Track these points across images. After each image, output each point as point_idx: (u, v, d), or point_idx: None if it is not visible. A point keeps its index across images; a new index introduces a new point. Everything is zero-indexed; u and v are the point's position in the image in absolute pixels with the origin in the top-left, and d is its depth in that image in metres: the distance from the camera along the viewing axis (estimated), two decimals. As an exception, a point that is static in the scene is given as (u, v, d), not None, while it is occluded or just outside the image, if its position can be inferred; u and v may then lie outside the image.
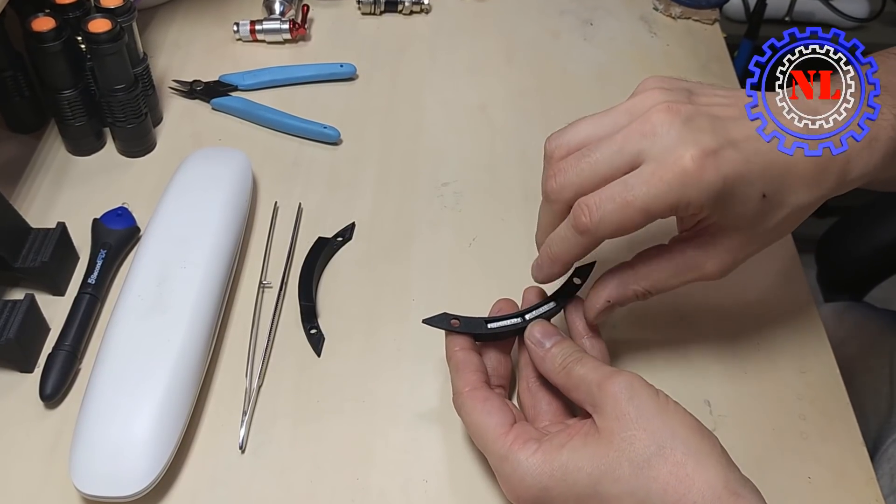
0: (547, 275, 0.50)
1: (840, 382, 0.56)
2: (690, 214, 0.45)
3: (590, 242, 0.46)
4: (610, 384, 0.43)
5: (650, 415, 0.41)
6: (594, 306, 0.49)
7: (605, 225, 0.44)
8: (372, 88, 0.78)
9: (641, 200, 0.43)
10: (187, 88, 0.75)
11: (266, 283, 0.60)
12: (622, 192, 0.43)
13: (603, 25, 0.86)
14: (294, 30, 0.81)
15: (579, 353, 0.47)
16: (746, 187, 0.44)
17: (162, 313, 0.52)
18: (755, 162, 0.44)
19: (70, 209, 0.65)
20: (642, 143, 0.44)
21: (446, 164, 0.70)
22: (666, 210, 0.43)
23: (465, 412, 0.47)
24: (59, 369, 0.53)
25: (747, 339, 0.58)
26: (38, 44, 0.62)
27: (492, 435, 0.45)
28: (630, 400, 0.42)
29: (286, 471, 0.50)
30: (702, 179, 0.42)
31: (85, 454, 0.47)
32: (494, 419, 0.45)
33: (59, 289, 0.59)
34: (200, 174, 0.63)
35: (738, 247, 0.47)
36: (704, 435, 0.42)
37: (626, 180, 0.44)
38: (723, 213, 0.45)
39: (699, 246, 0.47)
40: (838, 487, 0.50)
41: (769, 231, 0.47)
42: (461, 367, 0.49)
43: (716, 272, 0.48)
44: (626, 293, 0.49)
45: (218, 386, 0.54)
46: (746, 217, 0.45)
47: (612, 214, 0.44)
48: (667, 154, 0.43)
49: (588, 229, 0.45)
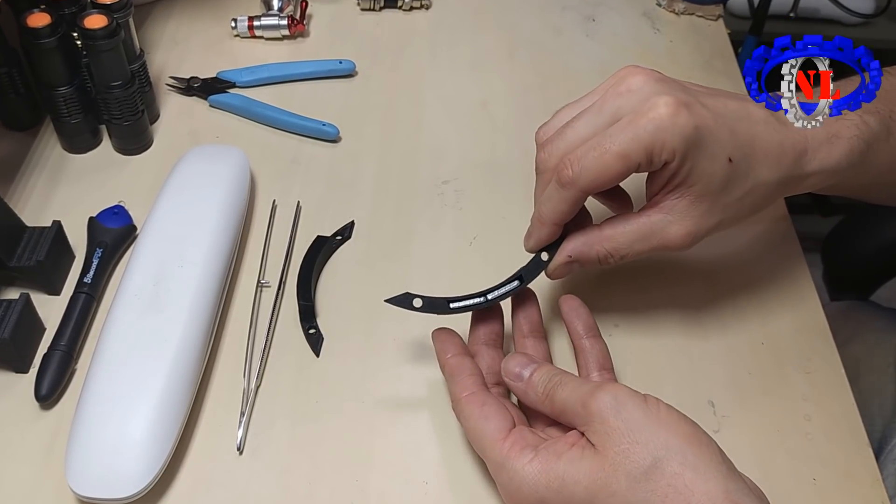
0: (536, 238, 0.52)
1: (845, 383, 0.56)
2: (662, 168, 0.47)
3: (574, 196, 0.49)
4: (594, 401, 0.42)
5: (640, 426, 0.41)
6: (557, 261, 0.52)
7: (585, 174, 0.47)
8: (371, 85, 0.78)
9: (618, 145, 0.46)
10: (184, 85, 0.75)
11: (264, 282, 0.60)
12: (600, 141, 0.47)
13: (605, 21, 0.86)
14: (292, 26, 0.81)
15: (559, 375, 0.46)
16: (714, 145, 0.47)
17: (159, 313, 0.52)
18: (723, 124, 0.48)
19: (66, 207, 0.65)
20: (619, 101, 0.48)
21: (447, 162, 0.70)
22: (641, 153, 0.46)
23: (464, 418, 0.47)
24: (55, 370, 0.53)
25: (751, 339, 0.58)
26: (34, 40, 0.62)
27: (489, 441, 0.45)
28: (617, 414, 0.41)
29: (284, 472, 0.50)
30: (675, 123, 0.46)
31: (81, 456, 0.47)
32: (492, 425, 0.45)
33: (55, 288, 0.59)
34: (198, 172, 0.63)
35: (702, 214, 0.49)
36: (702, 442, 0.41)
37: (605, 132, 0.47)
38: (692, 166, 0.47)
39: (664, 210, 0.50)
40: (843, 489, 0.50)
41: (734, 203, 0.50)
42: (456, 372, 0.48)
43: (679, 238, 0.50)
44: (589, 252, 0.51)
45: (215, 386, 0.54)
46: (713, 178, 0.48)
47: (592, 162, 0.47)
48: (642, 104, 0.47)
49: (570, 180, 0.48)
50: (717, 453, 0.41)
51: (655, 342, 0.58)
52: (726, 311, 0.60)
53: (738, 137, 0.48)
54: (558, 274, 0.53)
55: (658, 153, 0.46)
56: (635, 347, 0.57)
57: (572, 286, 0.60)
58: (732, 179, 0.49)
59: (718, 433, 0.52)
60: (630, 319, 0.59)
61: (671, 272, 0.62)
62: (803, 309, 0.60)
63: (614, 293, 0.60)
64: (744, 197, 0.50)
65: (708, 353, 0.57)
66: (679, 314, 0.59)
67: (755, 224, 0.65)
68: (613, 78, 0.50)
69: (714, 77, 0.79)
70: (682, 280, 0.61)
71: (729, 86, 0.78)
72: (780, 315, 0.59)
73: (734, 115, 0.49)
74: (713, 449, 0.41)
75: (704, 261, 0.63)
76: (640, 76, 0.49)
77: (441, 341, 0.50)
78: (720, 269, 0.62)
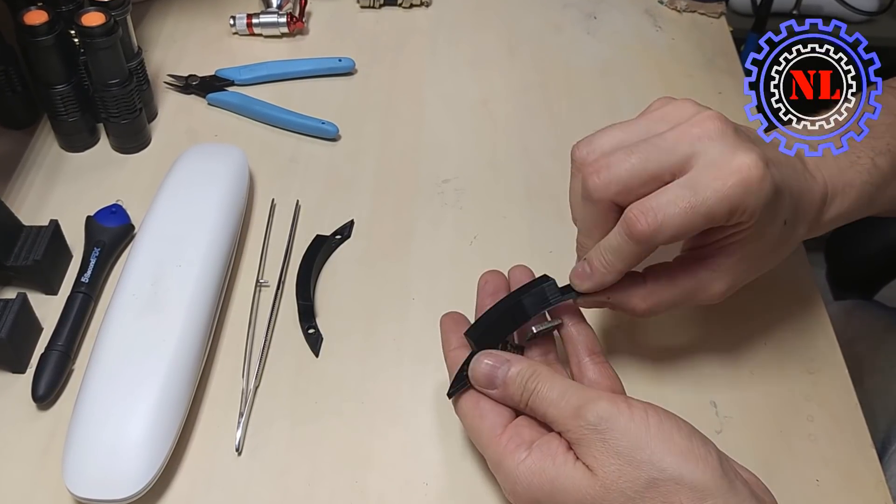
0: (598, 283, 0.47)
1: (849, 383, 0.55)
2: (727, 225, 0.44)
3: (645, 251, 0.44)
4: (577, 424, 0.41)
5: (630, 451, 0.39)
6: (595, 299, 0.49)
7: (665, 230, 0.43)
8: (371, 83, 0.78)
9: (707, 205, 0.42)
10: (183, 83, 0.75)
11: (263, 281, 0.60)
12: (686, 196, 0.42)
13: (607, 19, 0.86)
14: (292, 23, 0.81)
15: (535, 379, 0.44)
16: (781, 207, 0.45)
17: (157, 312, 0.52)
18: (785, 184, 0.45)
19: (63, 206, 0.65)
20: (696, 146, 0.43)
21: (447, 161, 0.70)
22: (726, 213, 0.43)
23: (461, 415, 0.47)
24: (52, 370, 0.53)
25: (754, 340, 0.58)
26: (31, 38, 0.62)
27: (485, 439, 0.45)
28: (604, 442, 0.40)
29: (283, 473, 0.50)
30: (762, 186, 0.42)
31: (78, 456, 0.47)
32: (487, 422, 0.45)
33: (52, 287, 0.59)
34: (196, 171, 0.63)
35: (746, 270, 0.48)
36: (698, 457, 0.39)
37: (688, 184, 0.42)
38: (759, 227, 0.45)
39: (711, 267, 0.47)
40: (847, 490, 0.50)
41: (774, 259, 0.49)
42: (455, 366, 0.48)
43: (718, 295, 0.48)
44: (628, 304, 0.48)
45: (214, 387, 0.54)
46: (770, 239, 0.46)
47: (673, 219, 0.42)
48: (728, 158, 0.42)
49: (646, 236, 0.43)
50: (716, 467, 0.39)
51: (657, 342, 0.57)
52: (728, 310, 0.59)
53: (793, 197, 0.46)
54: (587, 305, 0.50)
55: (740, 213, 0.43)
56: (636, 347, 0.57)
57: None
58: (783, 240, 0.47)
59: (721, 434, 0.52)
60: (631, 319, 0.59)
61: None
62: (806, 308, 0.60)
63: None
64: (784, 252, 0.49)
65: (710, 353, 0.57)
66: (681, 314, 0.59)
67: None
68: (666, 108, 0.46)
69: (716, 76, 0.79)
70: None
71: (731, 84, 0.78)
72: (783, 315, 0.59)
73: (788, 171, 0.46)
74: (711, 462, 0.39)
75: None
76: (718, 121, 0.44)
77: (446, 330, 0.50)
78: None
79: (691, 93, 0.77)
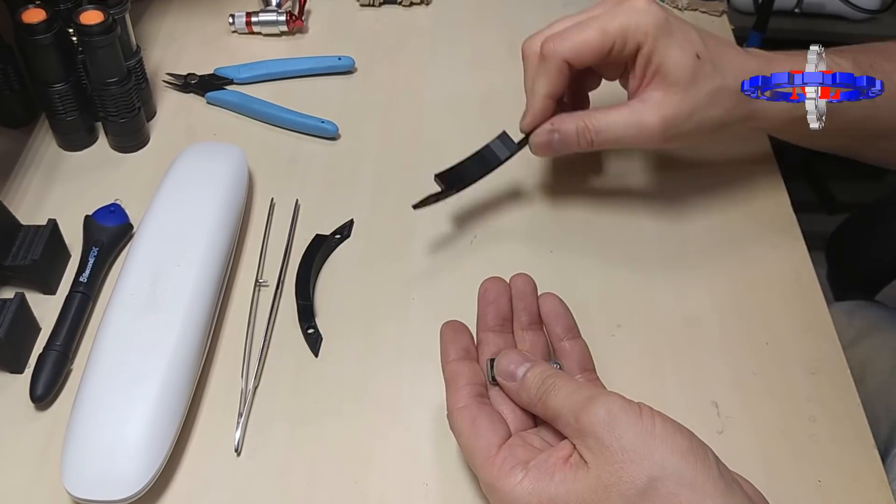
0: (531, 114, 0.59)
1: (851, 383, 0.55)
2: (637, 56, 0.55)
3: (557, 66, 0.56)
4: (586, 415, 0.41)
5: (635, 444, 0.40)
6: (542, 128, 0.59)
7: (566, 43, 0.55)
8: (371, 82, 0.78)
9: (598, 21, 0.55)
10: (181, 82, 0.75)
11: (262, 281, 0.60)
12: (580, 19, 0.56)
13: (608, 17, 0.86)
14: (291, 22, 0.81)
15: (553, 378, 0.45)
16: (683, 38, 0.55)
17: (155, 312, 0.52)
18: (693, 27, 0.56)
19: (61, 206, 0.65)
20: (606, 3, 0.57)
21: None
22: (618, 29, 0.55)
23: (456, 432, 0.46)
24: (50, 370, 0.53)
25: (755, 339, 0.58)
26: (29, 36, 0.62)
27: (480, 459, 0.44)
28: (611, 431, 0.40)
29: (283, 474, 0.50)
30: (649, 11, 0.55)
31: (77, 457, 0.47)
32: (482, 441, 0.44)
33: (50, 287, 0.59)
34: (195, 170, 0.62)
35: (676, 104, 0.55)
36: (698, 457, 0.40)
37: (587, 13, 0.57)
38: (664, 54, 0.54)
39: (641, 100, 0.57)
40: (849, 491, 0.50)
41: (704, 99, 0.56)
42: (452, 380, 0.48)
43: (654, 124, 0.56)
44: (568, 125, 0.58)
45: (213, 387, 0.54)
46: (683, 68, 0.55)
47: (572, 34, 0.55)
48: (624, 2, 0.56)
49: (552, 51, 0.56)
50: (713, 468, 0.40)
51: (658, 342, 0.57)
52: (730, 310, 0.60)
53: (707, 42, 0.56)
54: (540, 143, 0.59)
55: (633, 32, 0.54)
56: (638, 347, 0.57)
57: (574, 285, 0.60)
58: (700, 74, 0.55)
59: (722, 434, 0.52)
60: (633, 319, 0.59)
61: (675, 270, 0.62)
62: (808, 308, 0.60)
63: (617, 292, 0.60)
64: (712, 97, 0.56)
65: (711, 353, 0.57)
66: (682, 314, 0.59)
67: (758, 222, 0.65)
68: None
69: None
70: (685, 279, 0.61)
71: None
72: (785, 315, 0.59)
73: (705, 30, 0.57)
74: (709, 464, 0.40)
75: (708, 259, 0.63)
76: None
77: (445, 341, 0.50)
78: (724, 267, 0.62)
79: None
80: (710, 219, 0.66)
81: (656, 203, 0.67)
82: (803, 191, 1.68)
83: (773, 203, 0.67)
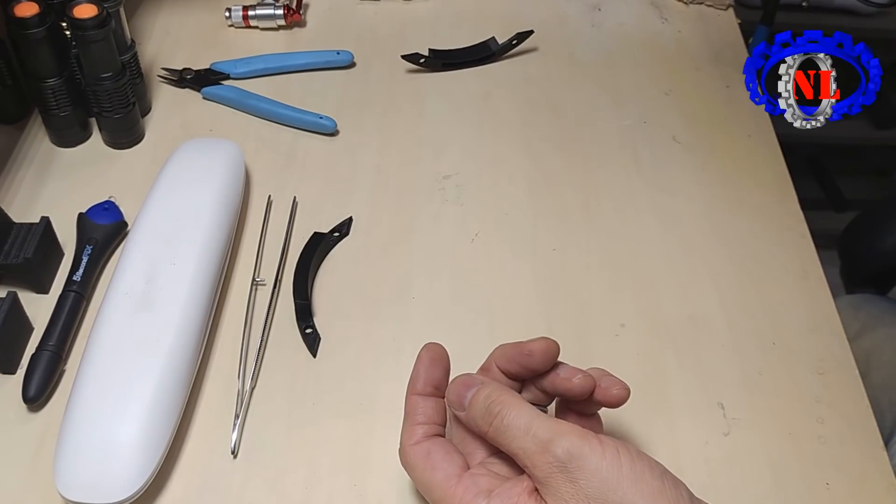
0: None
1: (859, 384, 0.55)
2: None
3: None
4: (545, 461, 0.39)
5: (604, 487, 0.38)
6: None
7: None
8: (370, 77, 0.78)
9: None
10: (177, 77, 0.75)
11: (259, 280, 0.60)
12: None
13: (612, 11, 0.86)
14: (288, 15, 0.80)
15: (498, 404, 0.42)
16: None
17: (150, 312, 0.52)
18: None
19: (54, 203, 0.64)
20: None
21: (448, 156, 0.70)
22: None
23: (409, 468, 0.44)
24: (43, 370, 0.53)
25: (762, 339, 0.58)
26: (21, 30, 0.62)
27: (439, 492, 0.42)
28: (574, 481, 0.38)
29: (280, 477, 0.50)
30: None
31: (70, 459, 0.47)
32: (439, 474, 0.43)
33: (43, 286, 0.59)
34: (191, 166, 0.62)
35: None
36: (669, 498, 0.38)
37: None
38: None
39: None
40: (858, 494, 0.50)
41: None
42: (409, 415, 0.46)
43: None
44: None
45: (209, 388, 0.54)
46: None
47: None
48: None
49: None
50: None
51: (663, 342, 0.57)
52: (736, 310, 0.59)
53: None
54: None
55: None
56: (642, 348, 0.57)
57: (577, 283, 0.60)
58: None
59: (728, 436, 0.52)
60: (637, 318, 0.59)
61: (680, 269, 0.62)
62: (816, 308, 0.60)
63: (621, 291, 0.60)
64: None
65: (717, 353, 0.57)
66: (687, 313, 0.59)
67: (765, 219, 0.65)
68: None
69: (724, 69, 0.79)
70: (689, 278, 0.61)
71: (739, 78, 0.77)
72: (792, 314, 0.59)
73: None
74: None
75: (713, 258, 0.62)
76: None
77: (417, 369, 0.47)
78: (729, 266, 0.62)
79: (698, 86, 0.78)
80: (716, 216, 0.66)
81: (661, 201, 0.67)
82: (811, 188, 1.68)
83: (780, 200, 0.67)
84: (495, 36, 0.79)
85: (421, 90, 0.76)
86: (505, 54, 0.79)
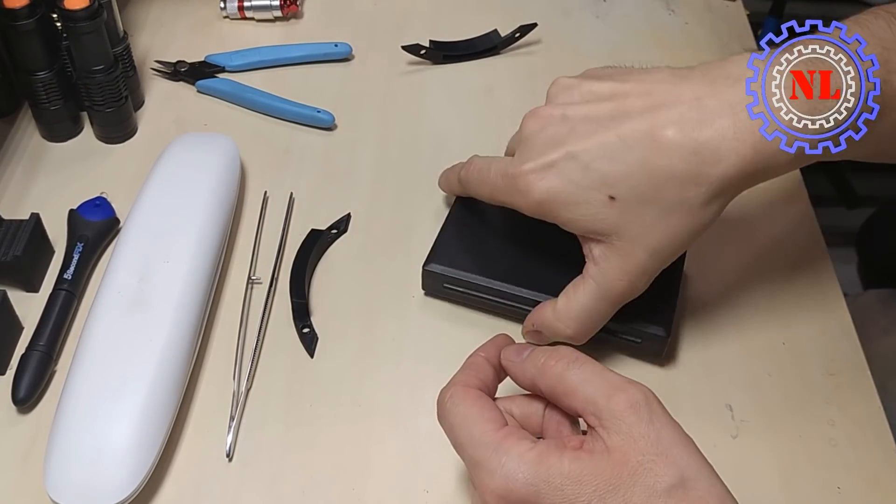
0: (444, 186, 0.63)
1: (871, 385, 0.55)
2: None
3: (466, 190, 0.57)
4: (622, 396, 0.40)
5: (670, 440, 0.39)
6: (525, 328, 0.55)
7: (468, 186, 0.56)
8: (369, 70, 0.78)
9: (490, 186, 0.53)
10: (171, 70, 0.75)
11: (255, 278, 0.60)
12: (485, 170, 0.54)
13: (617, 2, 0.86)
14: (285, 7, 0.80)
15: (574, 353, 0.43)
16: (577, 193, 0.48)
17: (143, 311, 0.52)
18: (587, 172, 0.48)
19: (45, 199, 0.64)
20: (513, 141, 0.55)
21: (449, 151, 0.70)
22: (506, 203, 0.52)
23: (453, 403, 0.43)
24: (33, 371, 0.53)
25: (771, 340, 0.58)
26: (10, 22, 0.62)
27: (480, 428, 0.42)
28: (650, 421, 0.39)
29: (276, 480, 0.50)
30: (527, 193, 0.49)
31: (60, 462, 0.47)
32: (487, 414, 0.42)
33: (33, 285, 0.59)
34: (184, 162, 0.62)
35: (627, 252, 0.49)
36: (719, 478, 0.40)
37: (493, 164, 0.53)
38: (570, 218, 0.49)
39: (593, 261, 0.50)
40: (870, 498, 0.50)
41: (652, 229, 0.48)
42: (468, 367, 0.46)
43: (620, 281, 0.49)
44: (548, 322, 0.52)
45: (203, 389, 0.54)
46: (600, 221, 0.48)
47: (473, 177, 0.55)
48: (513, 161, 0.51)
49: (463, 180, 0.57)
50: None
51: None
52: (744, 309, 0.59)
53: (611, 174, 0.47)
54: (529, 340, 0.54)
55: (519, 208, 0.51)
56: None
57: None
58: (627, 212, 0.48)
59: (737, 438, 0.52)
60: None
61: (686, 267, 0.61)
62: (827, 307, 0.60)
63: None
64: (659, 220, 0.48)
65: (725, 354, 0.57)
66: (694, 313, 0.59)
67: (774, 216, 0.65)
68: None
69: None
70: (697, 277, 0.61)
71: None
72: (802, 314, 0.59)
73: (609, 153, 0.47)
74: None
75: (721, 256, 0.62)
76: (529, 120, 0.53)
77: (493, 341, 0.47)
78: (737, 265, 0.62)
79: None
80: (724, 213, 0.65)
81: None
82: (822, 184, 1.68)
83: (790, 197, 0.67)
84: (497, 28, 0.79)
85: (421, 84, 0.76)
86: (508, 47, 0.79)
